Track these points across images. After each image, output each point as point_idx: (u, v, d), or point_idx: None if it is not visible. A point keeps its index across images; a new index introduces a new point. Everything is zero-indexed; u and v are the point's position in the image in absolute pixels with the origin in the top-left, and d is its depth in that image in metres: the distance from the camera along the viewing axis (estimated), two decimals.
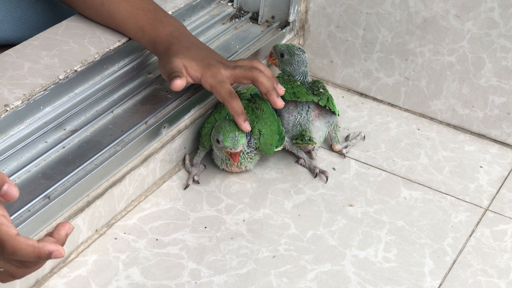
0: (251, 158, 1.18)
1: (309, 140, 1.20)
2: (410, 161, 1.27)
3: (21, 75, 1.06)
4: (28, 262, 0.80)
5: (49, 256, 0.78)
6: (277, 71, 1.30)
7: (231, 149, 1.12)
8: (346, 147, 1.27)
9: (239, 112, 1.11)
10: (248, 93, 1.24)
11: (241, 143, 1.12)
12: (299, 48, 1.27)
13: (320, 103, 1.21)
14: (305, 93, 1.22)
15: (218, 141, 1.13)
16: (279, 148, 1.21)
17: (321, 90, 1.24)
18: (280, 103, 1.15)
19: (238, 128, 1.12)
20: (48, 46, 1.13)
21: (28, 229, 0.94)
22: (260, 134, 1.16)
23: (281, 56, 1.27)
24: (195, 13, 1.35)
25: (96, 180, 1.04)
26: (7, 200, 0.78)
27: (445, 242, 1.12)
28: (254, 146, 1.17)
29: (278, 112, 1.23)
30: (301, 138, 1.20)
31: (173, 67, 1.10)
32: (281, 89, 1.16)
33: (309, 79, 1.28)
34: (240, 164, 1.17)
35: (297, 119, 1.21)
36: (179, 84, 1.08)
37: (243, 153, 1.16)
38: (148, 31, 1.15)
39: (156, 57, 1.23)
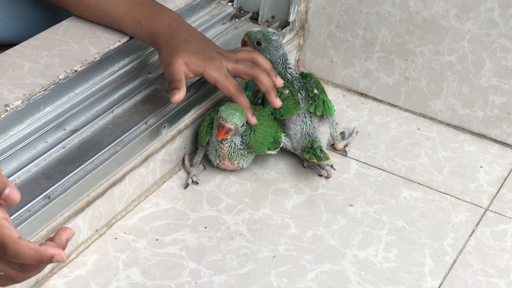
0: (243, 156, 1.17)
1: (325, 158, 1.16)
2: (410, 161, 1.27)
3: (21, 75, 1.06)
4: (28, 266, 0.80)
5: (50, 259, 0.78)
6: None
7: (222, 120, 1.12)
8: (346, 145, 1.27)
9: (247, 107, 1.15)
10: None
11: (234, 121, 1.12)
12: (274, 32, 1.24)
13: (317, 113, 1.20)
14: (292, 108, 1.19)
15: (218, 112, 1.13)
16: (273, 152, 1.19)
17: (315, 91, 1.21)
18: (278, 103, 1.17)
19: (242, 111, 1.13)
20: (48, 46, 1.13)
21: (28, 229, 0.94)
22: (251, 130, 1.16)
23: (258, 45, 1.23)
24: (195, 13, 1.35)
25: (96, 180, 1.04)
26: (8, 203, 0.78)
27: (445, 242, 1.12)
28: (245, 143, 1.16)
29: (284, 123, 1.21)
30: (316, 157, 1.16)
31: (174, 74, 1.10)
32: (280, 82, 1.18)
33: (290, 61, 1.25)
34: (232, 158, 1.16)
35: (304, 129, 1.19)
36: (177, 99, 1.09)
37: (235, 147, 1.15)
38: (145, 24, 1.15)
39: (156, 57, 1.23)
